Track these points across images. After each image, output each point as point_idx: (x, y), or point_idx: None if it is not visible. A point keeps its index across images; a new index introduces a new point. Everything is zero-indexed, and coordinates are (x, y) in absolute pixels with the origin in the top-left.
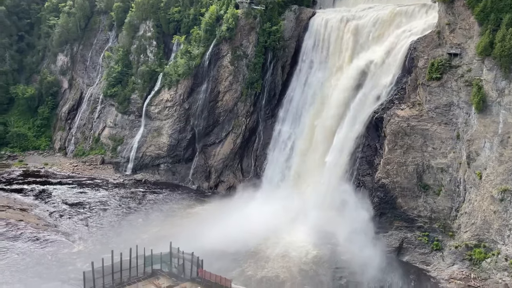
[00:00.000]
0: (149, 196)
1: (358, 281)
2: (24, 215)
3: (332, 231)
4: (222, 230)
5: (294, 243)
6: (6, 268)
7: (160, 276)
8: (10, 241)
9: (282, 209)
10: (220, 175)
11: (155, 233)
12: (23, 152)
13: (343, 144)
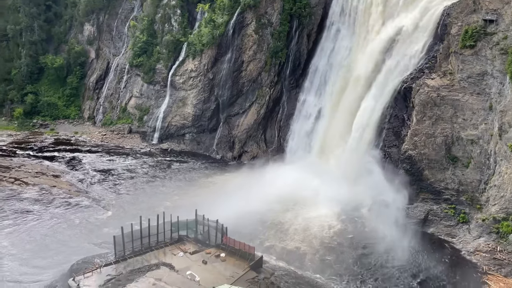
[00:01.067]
0: (174, 165)
1: (382, 253)
2: (56, 182)
3: (356, 203)
4: (244, 199)
5: (317, 214)
6: (39, 232)
7: (186, 241)
8: (44, 206)
9: (305, 180)
10: (244, 145)
11: (180, 201)
12: (54, 120)
13: (369, 114)
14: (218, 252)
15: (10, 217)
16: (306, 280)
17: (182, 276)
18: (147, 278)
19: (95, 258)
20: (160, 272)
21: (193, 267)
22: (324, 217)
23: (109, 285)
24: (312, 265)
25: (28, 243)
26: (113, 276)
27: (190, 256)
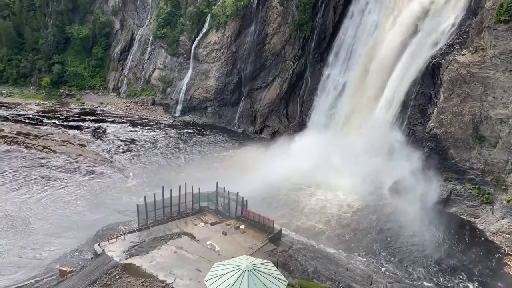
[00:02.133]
0: (196, 138)
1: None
2: (82, 150)
3: (377, 181)
4: (264, 174)
5: (337, 191)
6: (66, 199)
7: (206, 212)
8: (70, 174)
9: (326, 156)
10: (266, 119)
11: (201, 173)
12: (79, 91)
13: (395, 90)
14: (238, 224)
15: (38, 183)
16: (324, 254)
17: (203, 245)
18: (169, 246)
19: (119, 225)
20: (182, 241)
21: (213, 238)
22: (343, 194)
23: (133, 251)
24: (330, 242)
25: (55, 209)
26: (136, 243)
27: (210, 227)
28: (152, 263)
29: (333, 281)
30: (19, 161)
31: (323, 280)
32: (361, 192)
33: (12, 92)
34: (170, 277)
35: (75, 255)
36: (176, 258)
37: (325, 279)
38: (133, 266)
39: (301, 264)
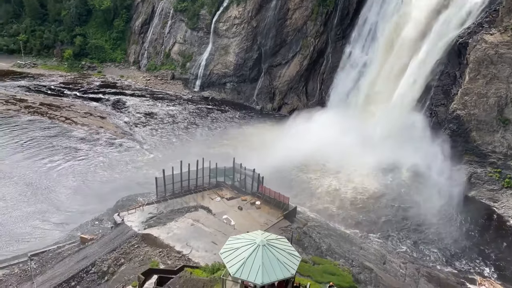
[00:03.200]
0: (214, 113)
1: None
2: (103, 123)
3: (396, 162)
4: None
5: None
6: (87, 169)
7: (223, 187)
8: (91, 145)
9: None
10: (284, 97)
11: (218, 148)
12: (101, 63)
13: (419, 69)
14: (254, 199)
15: (60, 154)
16: (338, 233)
17: (219, 219)
18: (186, 218)
19: (138, 196)
20: (198, 214)
21: (229, 212)
22: (360, 176)
23: (151, 222)
24: (344, 221)
25: (76, 179)
26: (154, 214)
27: (226, 201)
28: (169, 234)
29: (346, 259)
30: (42, 131)
31: (337, 258)
32: (378, 174)
33: (35, 63)
34: (186, 249)
35: (95, 223)
36: (193, 231)
37: (339, 257)
38: (151, 237)
39: (315, 241)
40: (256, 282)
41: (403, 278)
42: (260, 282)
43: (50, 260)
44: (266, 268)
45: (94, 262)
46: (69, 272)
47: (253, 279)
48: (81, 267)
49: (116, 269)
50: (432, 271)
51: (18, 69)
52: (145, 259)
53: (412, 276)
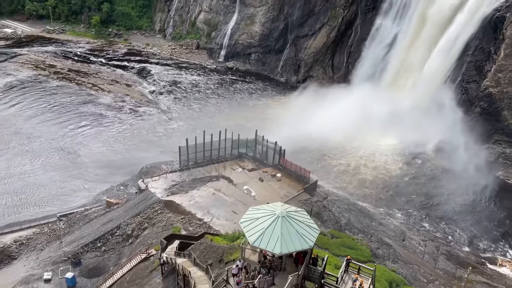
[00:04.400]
0: (238, 84)
1: (442, 193)
2: (129, 90)
3: (422, 138)
4: (304, 125)
5: (378, 147)
6: (112, 135)
7: (245, 159)
8: (117, 112)
9: (371, 110)
10: (310, 69)
11: (241, 120)
12: (127, 31)
13: (451, 44)
14: (275, 172)
15: (87, 120)
16: (358, 208)
17: (239, 190)
18: (208, 187)
19: (162, 164)
20: (220, 183)
21: (249, 183)
22: (385, 151)
23: (174, 189)
24: (365, 197)
25: (102, 145)
26: (177, 182)
27: (247, 172)
28: (191, 202)
29: (365, 234)
30: (70, 97)
31: (355, 232)
32: (402, 150)
33: (64, 29)
34: (207, 216)
35: (120, 188)
36: (214, 199)
37: (357, 231)
38: (173, 203)
39: (334, 215)
40: (274, 252)
41: (422, 255)
42: (278, 252)
43: (77, 221)
44: (285, 239)
45: (119, 225)
46: (95, 233)
47: (271, 249)
48: (107, 229)
49: (139, 233)
50: (452, 249)
51: (47, 35)
52: (168, 224)
53: (431, 253)
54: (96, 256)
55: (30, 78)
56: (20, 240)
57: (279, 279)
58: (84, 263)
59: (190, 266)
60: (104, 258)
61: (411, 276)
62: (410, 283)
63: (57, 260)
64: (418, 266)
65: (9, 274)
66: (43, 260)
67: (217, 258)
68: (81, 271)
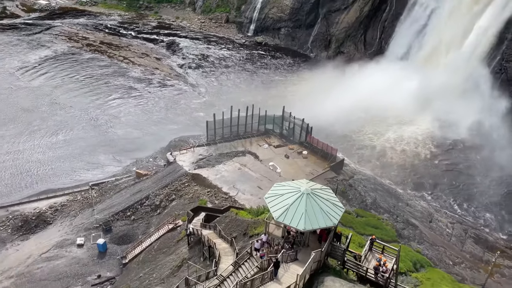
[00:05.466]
0: (267, 60)
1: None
2: (159, 64)
3: (456, 118)
4: (333, 103)
5: (410, 125)
6: (142, 108)
7: (271, 135)
8: (146, 85)
9: (404, 87)
10: (341, 45)
11: (268, 96)
12: (157, 3)
13: (492, 21)
14: (301, 149)
15: (118, 92)
16: (385, 188)
17: (265, 166)
18: (234, 162)
19: (190, 138)
20: (246, 159)
21: (275, 159)
22: (416, 132)
23: (201, 163)
24: (393, 178)
25: (132, 117)
26: (204, 156)
27: (274, 149)
28: (218, 176)
29: (391, 214)
30: (101, 69)
31: (381, 212)
32: (434, 130)
33: (96, 1)
34: (233, 191)
35: (149, 160)
36: (240, 174)
37: (383, 211)
38: (200, 177)
39: (360, 194)
40: (298, 228)
41: (449, 237)
42: (302, 228)
43: (108, 190)
44: (309, 216)
45: (148, 195)
46: (125, 202)
47: (295, 225)
48: (136, 199)
49: (167, 204)
50: (481, 233)
51: (80, 7)
52: (194, 197)
53: (459, 236)
54: (125, 225)
55: (64, 50)
56: (54, 207)
57: (302, 254)
58: (115, 231)
59: (215, 238)
60: (133, 227)
61: (436, 257)
62: (435, 264)
63: (89, 227)
64: (444, 248)
65: (45, 237)
66: (76, 226)
67: (241, 232)
68: (111, 238)
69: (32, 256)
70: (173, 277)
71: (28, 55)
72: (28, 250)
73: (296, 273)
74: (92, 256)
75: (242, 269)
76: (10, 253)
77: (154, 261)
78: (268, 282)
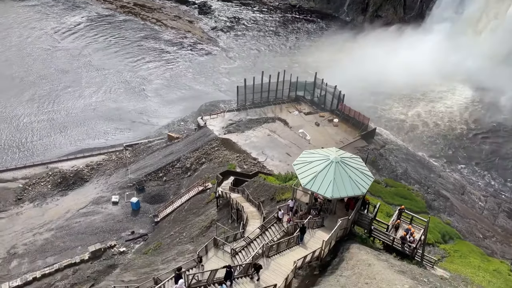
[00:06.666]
0: (300, 24)
1: None
2: (191, 27)
3: (497, 88)
4: (367, 70)
5: (446, 96)
6: (174, 71)
7: (302, 102)
8: (179, 48)
9: (443, 56)
10: (379, 8)
11: (301, 62)
12: None
13: None
14: (332, 117)
15: (150, 55)
16: (417, 159)
17: (294, 132)
18: (263, 128)
19: (220, 103)
20: (275, 125)
21: (305, 127)
22: (454, 102)
23: (230, 128)
24: (427, 148)
25: (164, 80)
26: (234, 121)
27: (304, 116)
28: (247, 141)
29: (421, 185)
30: (134, 32)
31: (412, 183)
32: (473, 101)
33: None
34: (261, 156)
35: (181, 124)
36: (269, 140)
37: (414, 182)
38: (230, 141)
39: (391, 164)
40: (326, 196)
41: (481, 210)
42: (329, 196)
43: (141, 151)
44: (337, 184)
45: (179, 158)
46: (157, 164)
47: (323, 192)
48: (168, 161)
49: (197, 167)
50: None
51: None
52: (224, 161)
53: (492, 210)
54: (157, 185)
55: (98, 11)
56: (91, 165)
57: (329, 221)
58: (147, 190)
59: (243, 201)
60: (164, 187)
61: (466, 230)
62: (464, 237)
63: (123, 186)
64: (475, 221)
65: (82, 194)
66: (111, 184)
67: (268, 197)
68: (144, 197)
69: (70, 211)
70: (202, 236)
71: (64, 17)
72: (67, 205)
73: (321, 239)
74: (126, 214)
75: (268, 232)
76: (51, 207)
77: (184, 221)
78: (294, 246)
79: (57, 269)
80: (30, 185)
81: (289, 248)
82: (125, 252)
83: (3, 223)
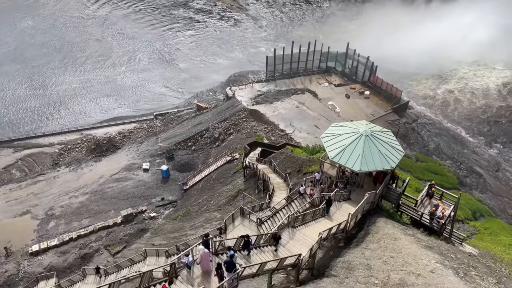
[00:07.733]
0: None
1: None
2: None
3: None
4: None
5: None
6: (203, 41)
7: (332, 73)
8: (208, 17)
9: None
10: None
11: (331, 32)
12: None
13: None
14: (363, 89)
15: (180, 23)
16: (450, 134)
17: (324, 105)
18: (292, 100)
19: (249, 73)
20: (304, 97)
21: (335, 99)
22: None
23: (259, 99)
24: (462, 123)
25: (194, 50)
26: (262, 92)
27: (334, 88)
28: (275, 113)
29: (454, 161)
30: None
31: (443, 158)
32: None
33: None
34: (289, 128)
35: (210, 94)
36: (297, 112)
37: (446, 158)
38: (258, 113)
39: (423, 138)
40: (353, 169)
41: None
42: (358, 169)
43: (171, 121)
44: (366, 158)
45: (208, 128)
46: (186, 133)
47: (351, 166)
48: (197, 131)
49: (225, 137)
50: None
51: None
52: (251, 132)
53: None
54: (186, 154)
55: None
56: (123, 133)
57: (356, 195)
58: (177, 159)
59: (270, 172)
60: (193, 157)
61: (498, 208)
62: (496, 214)
63: (154, 154)
64: (508, 199)
65: (115, 160)
66: (142, 152)
67: (295, 168)
68: (173, 165)
69: (103, 176)
70: (229, 205)
71: None
72: (100, 171)
73: (348, 211)
74: (156, 181)
75: (294, 203)
76: (85, 172)
77: (212, 190)
78: (319, 218)
79: (92, 230)
80: (66, 150)
81: (314, 219)
82: (155, 217)
83: (42, 186)
